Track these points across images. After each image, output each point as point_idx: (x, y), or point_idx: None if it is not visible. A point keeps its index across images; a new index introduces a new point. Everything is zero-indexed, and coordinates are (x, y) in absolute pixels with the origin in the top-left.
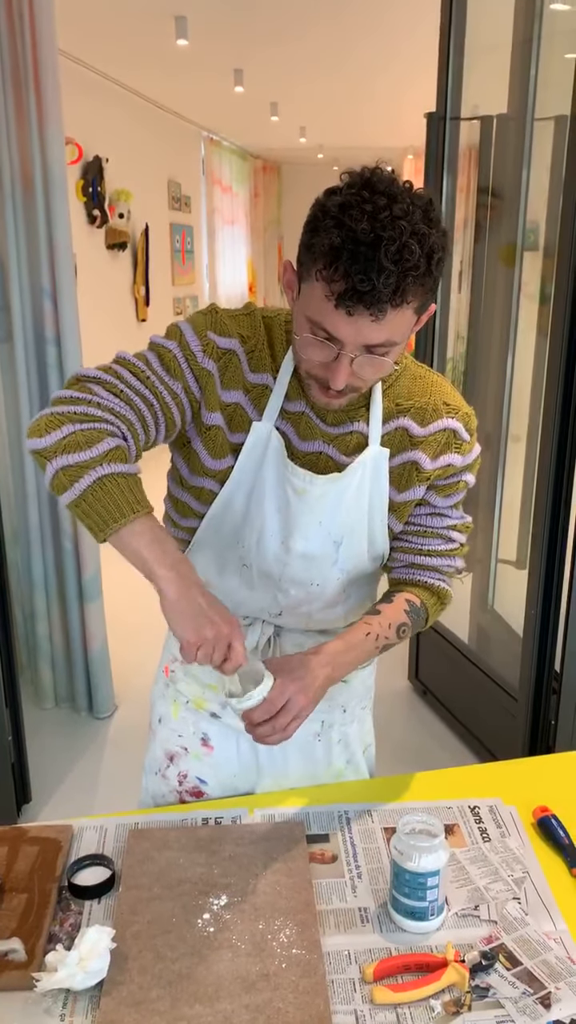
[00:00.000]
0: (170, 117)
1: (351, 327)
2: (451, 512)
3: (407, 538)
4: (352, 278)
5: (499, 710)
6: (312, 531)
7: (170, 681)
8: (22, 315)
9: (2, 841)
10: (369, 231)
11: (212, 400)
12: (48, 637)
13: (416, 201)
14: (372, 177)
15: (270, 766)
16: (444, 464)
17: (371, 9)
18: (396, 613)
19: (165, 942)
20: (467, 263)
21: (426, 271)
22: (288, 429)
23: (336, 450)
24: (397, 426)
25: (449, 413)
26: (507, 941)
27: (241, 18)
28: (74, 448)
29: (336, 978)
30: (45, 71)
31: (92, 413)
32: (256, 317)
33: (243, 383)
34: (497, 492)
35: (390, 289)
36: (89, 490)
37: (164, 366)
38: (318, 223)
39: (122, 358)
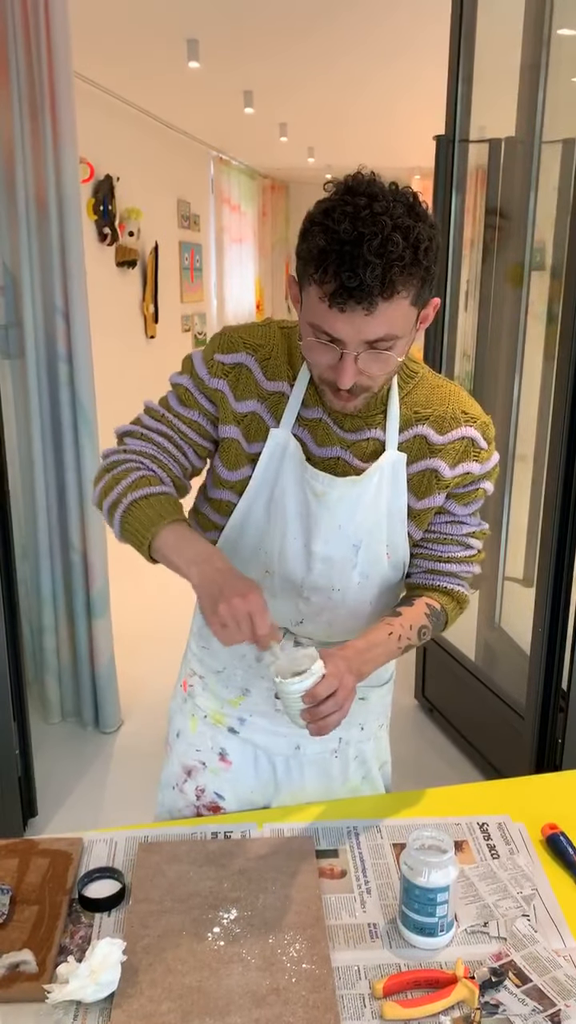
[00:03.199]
0: (180, 137)
1: (347, 324)
2: (469, 520)
3: (427, 545)
4: (340, 276)
5: (506, 728)
6: (332, 534)
7: (188, 696)
8: (34, 332)
9: (13, 853)
10: (351, 230)
11: (227, 414)
12: (55, 651)
13: (398, 198)
14: (353, 181)
15: (287, 782)
16: (463, 472)
17: (381, 33)
18: (417, 616)
19: (175, 955)
20: (474, 283)
21: (413, 261)
22: (305, 435)
23: (353, 455)
24: (416, 434)
25: (468, 422)
26: (516, 958)
27: (252, 41)
28: (107, 493)
29: (345, 993)
30: (60, 92)
31: (120, 459)
32: (272, 328)
33: (258, 392)
34: (504, 510)
35: (377, 281)
36: (123, 520)
37: (179, 400)
38: (307, 232)
39: (146, 407)
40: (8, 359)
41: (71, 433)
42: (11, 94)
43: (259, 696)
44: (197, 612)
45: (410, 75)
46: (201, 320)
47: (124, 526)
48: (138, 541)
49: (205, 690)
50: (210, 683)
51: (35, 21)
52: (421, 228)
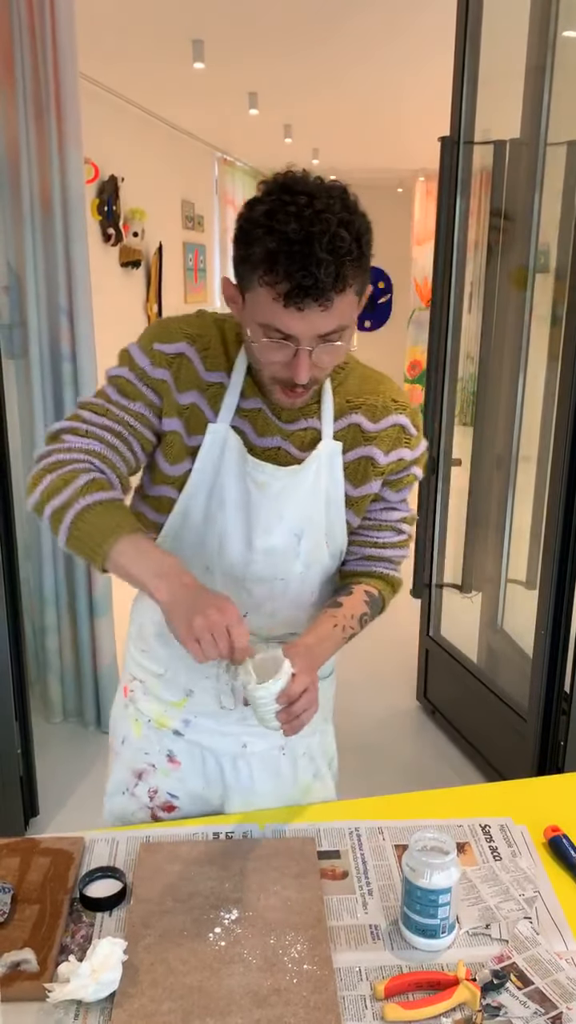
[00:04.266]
0: (185, 138)
1: (303, 322)
2: (401, 506)
3: (362, 532)
4: (294, 276)
5: (508, 730)
6: (274, 525)
7: (130, 701)
8: (39, 332)
9: (15, 852)
10: (299, 230)
11: (170, 406)
12: (58, 651)
13: (333, 193)
14: (287, 180)
15: (236, 783)
16: (396, 458)
17: (386, 35)
18: (357, 605)
19: (176, 955)
20: (478, 285)
21: (359, 254)
22: (245, 426)
23: (292, 445)
24: (350, 423)
25: (397, 410)
26: (518, 960)
27: (257, 42)
28: (54, 493)
29: (347, 995)
30: (66, 93)
31: (64, 459)
32: (207, 318)
33: (198, 383)
34: (507, 512)
35: (331, 278)
36: (73, 525)
37: (120, 392)
38: (248, 235)
39: (81, 402)
40: (12, 359)
41: None
42: (16, 94)
43: (203, 696)
44: (135, 616)
45: (414, 77)
46: None
47: (74, 532)
48: (90, 550)
49: (147, 694)
50: (151, 687)
51: (41, 22)
52: (359, 220)
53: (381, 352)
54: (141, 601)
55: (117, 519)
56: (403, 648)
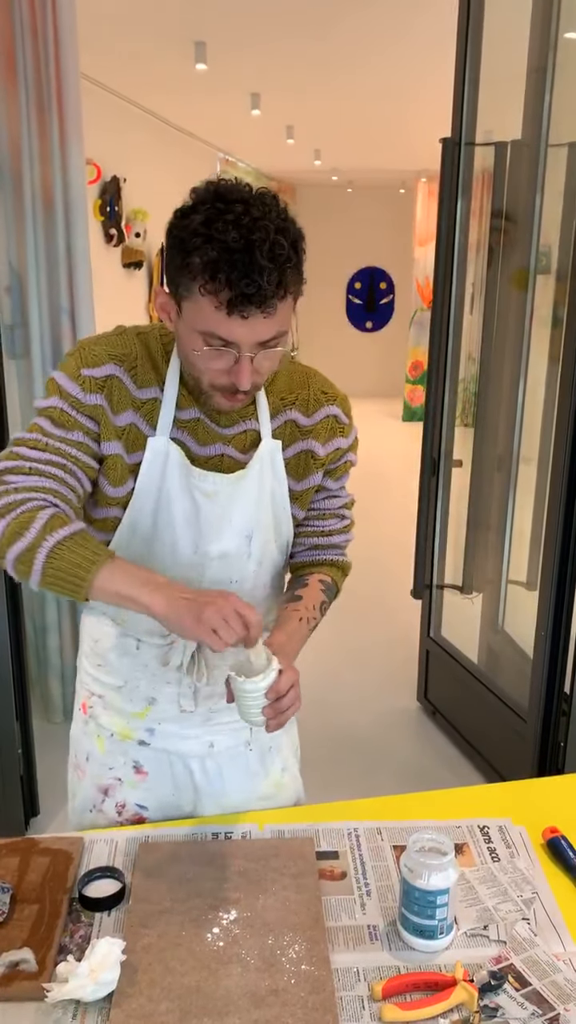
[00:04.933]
0: (187, 139)
1: (246, 328)
2: (342, 492)
3: (308, 523)
4: (237, 284)
5: (508, 731)
6: (224, 531)
7: (89, 717)
8: (40, 332)
9: (14, 852)
10: (239, 238)
11: (108, 430)
12: (59, 651)
13: (267, 200)
14: (220, 188)
15: (206, 785)
16: (334, 448)
17: (388, 36)
18: (315, 595)
19: (175, 955)
20: (479, 286)
21: (296, 260)
22: (185, 438)
23: (234, 449)
24: (285, 419)
25: (328, 401)
26: (516, 961)
27: (259, 43)
28: (15, 537)
29: (345, 995)
30: (68, 93)
31: (15, 500)
32: (128, 335)
33: (132, 402)
34: (508, 513)
35: (273, 284)
36: (47, 566)
37: (55, 423)
38: (186, 244)
39: (16, 438)
40: (14, 359)
41: None
42: (19, 95)
43: (166, 702)
44: (87, 633)
45: (416, 78)
46: None
47: (48, 572)
48: (71, 585)
49: (107, 708)
50: (111, 700)
51: (43, 22)
52: (292, 227)
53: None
54: (91, 616)
55: (91, 548)
56: (403, 649)
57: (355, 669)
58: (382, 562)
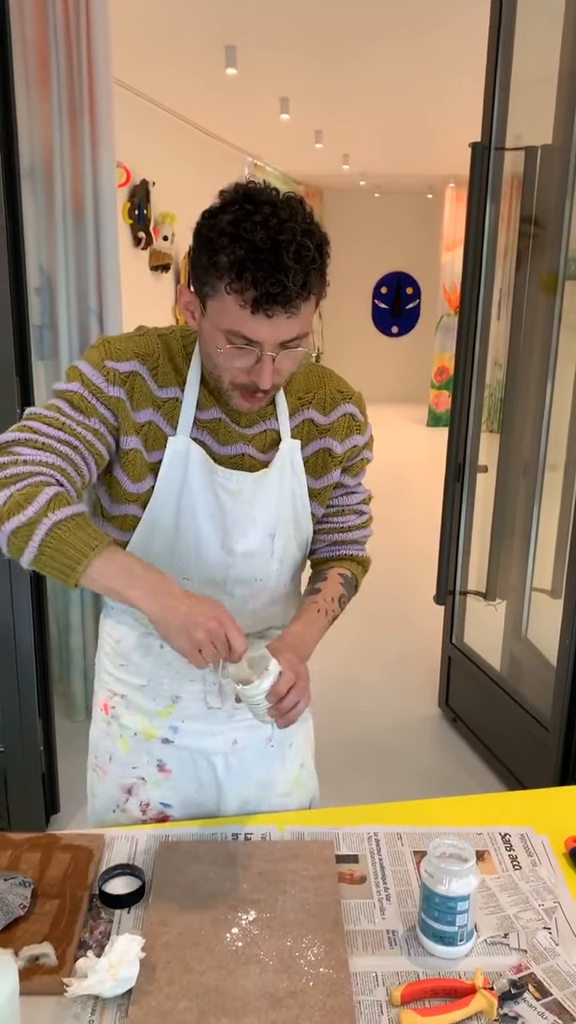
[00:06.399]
0: (216, 143)
1: (270, 327)
2: (359, 488)
3: (327, 519)
4: (263, 284)
5: (530, 740)
6: (250, 529)
7: (111, 718)
8: (68, 334)
9: (36, 847)
10: (267, 238)
11: (127, 424)
12: (82, 650)
13: (293, 204)
14: (248, 190)
15: (229, 781)
16: (351, 446)
17: (418, 40)
18: (334, 588)
19: (194, 954)
20: (507, 291)
21: (321, 262)
22: (206, 438)
23: (255, 449)
24: (303, 419)
25: (345, 399)
26: (537, 971)
27: (289, 48)
28: (16, 509)
29: (363, 999)
30: (100, 97)
31: (22, 472)
32: (150, 336)
33: (152, 400)
34: (533, 520)
35: (299, 285)
36: (44, 543)
37: (74, 407)
38: (214, 243)
39: (33, 413)
40: (43, 360)
41: None
42: (51, 98)
43: (190, 700)
44: (108, 633)
45: (445, 83)
46: None
47: (44, 551)
48: (65, 567)
49: (129, 708)
50: (134, 699)
51: (76, 27)
52: (318, 230)
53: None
54: (111, 616)
55: (89, 533)
56: (426, 655)
57: (376, 674)
58: (405, 567)
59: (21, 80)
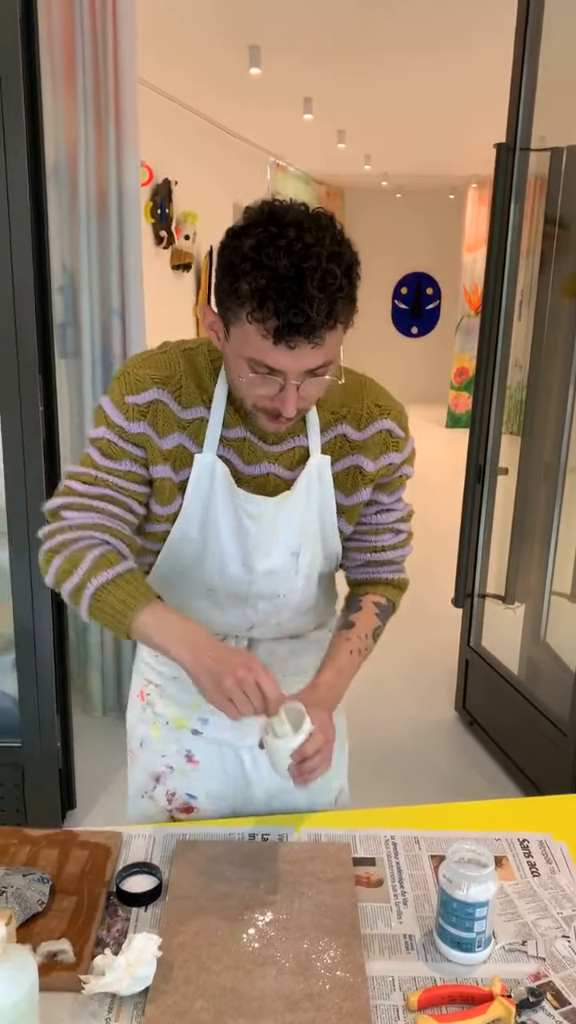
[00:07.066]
0: (238, 142)
1: (293, 358)
2: (397, 506)
3: (360, 537)
4: (286, 314)
5: (547, 745)
6: (272, 548)
7: (147, 705)
8: (91, 332)
9: (54, 844)
10: (290, 266)
11: (155, 454)
12: (99, 646)
13: (322, 223)
14: (274, 210)
15: (256, 774)
16: (386, 464)
17: (441, 42)
18: (369, 620)
19: (210, 954)
20: (529, 292)
21: (349, 289)
22: (231, 456)
23: (281, 467)
24: (336, 434)
25: (382, 414)
26: (555, 979)
27: (313, 48)
28: (65, 577)
29: (379, 1004)
30: (125, 97)
31: (67, 539)
32: (172, 354)
33: (178, 423)
34: (554, 523)
35: (323, 315)
36: (91, 607)
37: (104, 455)
38: (235, 268)
39: (70, 472)
40: (65, 358)
41: None
42: (77, 97)
43: None
44: None
45: (469, 83)
46: None
47: (93, 611)
48: (113, 623)
49: (163, 696)
50: (168, 689)
51: (102, 26)
52: (347, 252)
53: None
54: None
55: (129, 591)
56: (443, 657)
57: (393, 677)
58: (423, 569)
59: (47, 79)
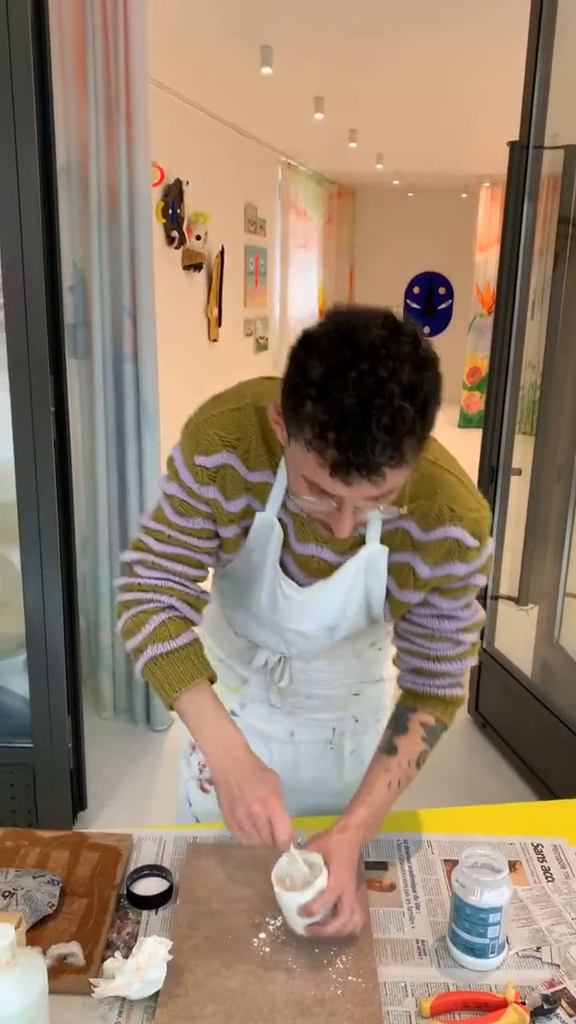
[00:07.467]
0: (250, 142)
1: (350, 491)
2: (461, 613)
3: (413, 640)
4: (346, 451)
5: (561, 747)
6: (304, 623)
7: None
8: (102, 332)
9: (64, 845)
10: (356, 403)
11: (222, 517)
12: (111, 648)
13: (402, 349)
14: (351, 330)
15: (281, 766)
16: (444, 573)
17: (454, 39)
18: (414, 745)
19: (221, 958)
20: (542, 292)
21: (422, 427)
22: (289, 522)
23: (330, 551)
24: (398, 527)
25: (453, 520)
26: (570, 986)
27: (325, 48)
28: (129, 635)
29: (392, 1010)
30: (136, 97)
31: (137, 598)
32: (246, 412)
33: (244, 485)
34: (568, 524)
35: (386, 457)
36: (145, 670)
37: (177, 512)
38: (299, 388)
39: (144, 527)
40: (76, 358)
41: (134, 432)
42: (88, 97)
43: (256, 687)
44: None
45: (481, 82)
46: (264, 325)
47: (146, 675)
48: (161, 695)
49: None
50: (216, 668)
51: (114, 26)
52: (427, 378)
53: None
54: (211, 590)
55: (180, 671)
56: None
57: None
58: None
59: (58, 78)
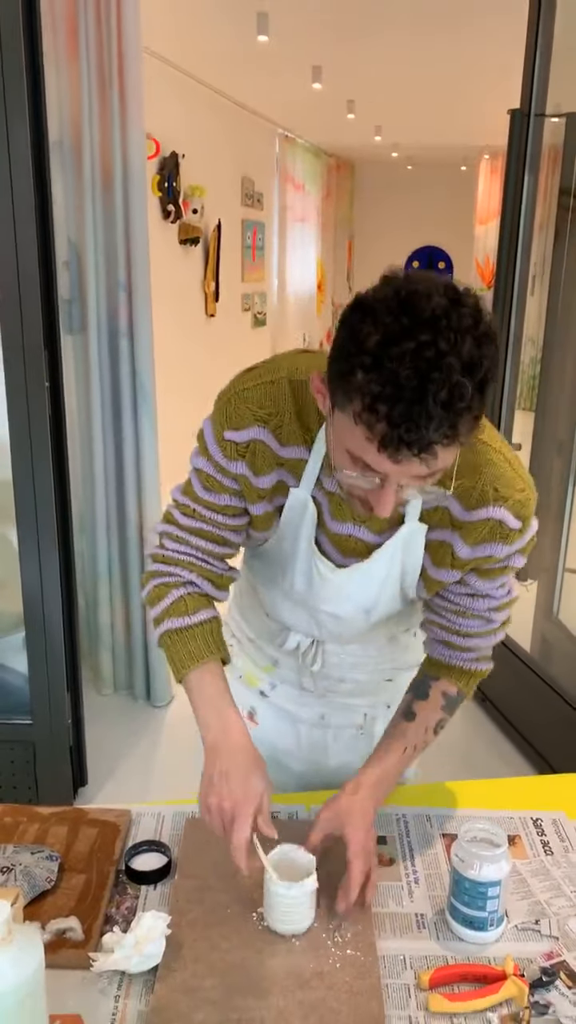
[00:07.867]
0: (247, 114)
1: (397, 468)
2: (495, 592)
3: (444, 614)
4: (397, 427)
5: (560, 722)
6: (340, 604)
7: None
8: (97, 307)
9: (63, 821)
10: (413, 375)
11: (251, 494)
12: (110, 625)
13: (464, 321)
14: (411, 297)
15: (310, 748)
16: (484, 554)
17: (452, 7)
18: (433, 712)
19: (220, 933)
20: (543, 266)
21: (479, 403)
22: (323, 501)
23: (368, 530)
24: (441, 504)
25: (497, 501)
26: (568, 959)
27: (322, 15)
28: (151, 604)
29: (391, 983)
30: (129, 68)
31: (161, 569)
32: (281, 385)
33: (276, 460)
34: (568, 499)
35: (440, 434)
36: (160, 642)
37: (205, 487)
38: (352, 356)
39: (174, 499)
40: (71, 333)
41: (130, 408)
42: (80, 69)
43: (286, 668)
44: (240, 580)
45: (482, 51)
46: (261, 300)
47: (161, 645)
48: (172, 668)
49: (242, 652)
50: (246, 647)
51: None
52: (487, 354)
53: None
54: (243, 568)
55: (192, 648)
56: None
57: None
58: None
59: (50, 50)
